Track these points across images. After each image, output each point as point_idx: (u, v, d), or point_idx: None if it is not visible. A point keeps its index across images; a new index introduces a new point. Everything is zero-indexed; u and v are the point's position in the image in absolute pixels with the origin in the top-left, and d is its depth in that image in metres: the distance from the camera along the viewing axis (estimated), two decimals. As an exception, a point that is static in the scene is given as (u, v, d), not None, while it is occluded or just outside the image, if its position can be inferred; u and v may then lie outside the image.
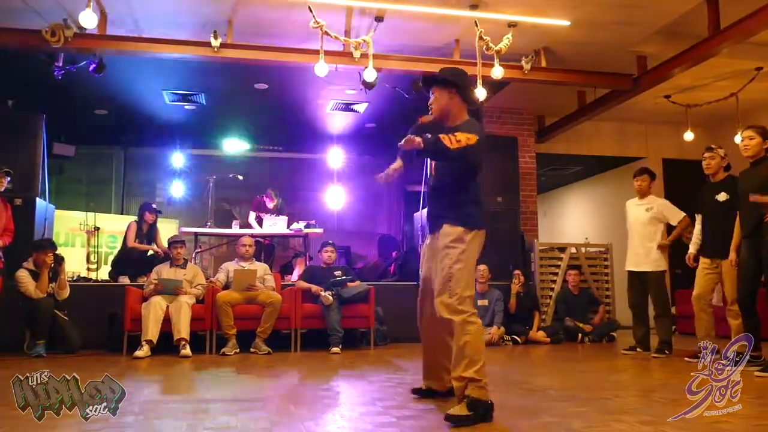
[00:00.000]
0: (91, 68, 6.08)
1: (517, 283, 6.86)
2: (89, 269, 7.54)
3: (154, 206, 7.01)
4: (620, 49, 6.54)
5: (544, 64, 6.63)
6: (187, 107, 8.65)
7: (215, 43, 5.78)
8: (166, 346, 5.41)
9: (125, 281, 6.38)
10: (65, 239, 8.44)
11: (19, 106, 7.22)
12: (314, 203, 10.02)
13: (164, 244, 6.63)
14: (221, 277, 6.05)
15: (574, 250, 7.87)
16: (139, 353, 5.23)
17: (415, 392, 3.31)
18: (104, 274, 7.41)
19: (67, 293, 5.70)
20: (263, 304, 5.74)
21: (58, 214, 7.44)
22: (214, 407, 3.05)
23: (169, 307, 5.55)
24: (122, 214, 9.73)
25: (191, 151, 9.88)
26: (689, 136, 7.84)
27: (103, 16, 5.70)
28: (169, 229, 8.26)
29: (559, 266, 7.71)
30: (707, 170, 4.98)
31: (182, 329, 5.41)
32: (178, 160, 9.56)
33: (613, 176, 10.15)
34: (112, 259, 7.25)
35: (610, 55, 6.64)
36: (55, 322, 5.47)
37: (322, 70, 5.76)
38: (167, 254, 6.28)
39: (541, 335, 6.72)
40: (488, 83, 6.45)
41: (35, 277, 5.50)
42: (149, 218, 6.82)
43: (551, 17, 5.85)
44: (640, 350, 5.55)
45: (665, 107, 7.99)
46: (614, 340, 6.91)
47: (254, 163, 10.25)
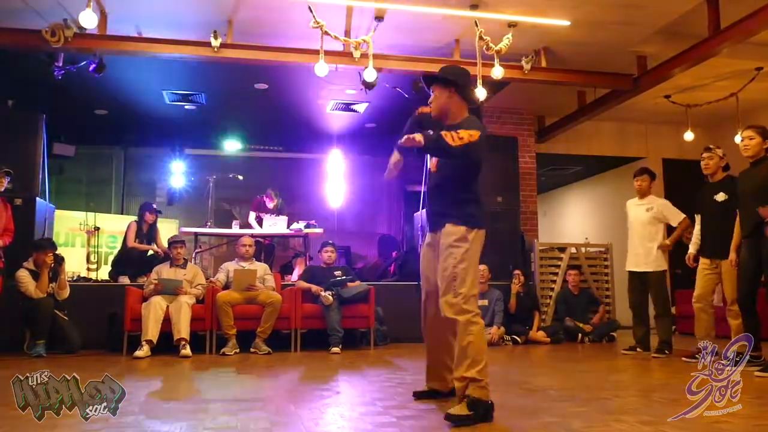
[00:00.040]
0: (91, 68, 6.08)
1: (517, 283, 6.86)
2: (89, 269, 7.56)
3: (154, 206, 7.02)
4: (620, 49, 6.54)
5: (544, 64, 6.63)
6: (187, 107, 8.64)
7: (215, 43, 5.78)
8: (166, 346, 5.41)
9: (125, 281, 6.38)
10: (65, 239, 8.45)
11: (19, 106, 7.22)
12: (314, 203, 10.01)
13: (164, 244, 6.63)
14: (221, 277, 6.05)
15: (574, 250, 7.87)
16: (139, 353, 5.23)
17: (417, 395, 3.23)
18: (104, 274, 7.41)
19: (67, 293, 5.70)
20: (263, 304, 5.74)
21: (58, 214, 7.44)
22: (214, 407, 3.05)
23: (169, 307, 5.55)
24: (122, 214, 9.75)
25: (191, 151, 9.88)
26: (689, 136, 7.83)
27: (103, 16, 5.69)
28: (169, 229, 8.26)
29: (559, 266, 7.71)
30: (706, 170, 4.99)
31: (182, 329, 5.41)
32: (178, 160, 9.55)
33: (613, 176, 10.14)
34: (112, 259, 7.25)
35: (610, 55, 6.64)
36: (55, 322, 5.47)
37: (322, 70, 5.76)
38: (167, 254, 6.28)
39: (541, 335, 6.72)
40: (488, 83, 6.45)
41: (35, 277, 5.50)
42: (149, 218, 6.82)
43: (551, 17, 5.85)
44: (640, 350, 5.55)
45: (665, 107, 7.99)
46: (614, 340, 6.91)
47: (254, 163, 10.23)
